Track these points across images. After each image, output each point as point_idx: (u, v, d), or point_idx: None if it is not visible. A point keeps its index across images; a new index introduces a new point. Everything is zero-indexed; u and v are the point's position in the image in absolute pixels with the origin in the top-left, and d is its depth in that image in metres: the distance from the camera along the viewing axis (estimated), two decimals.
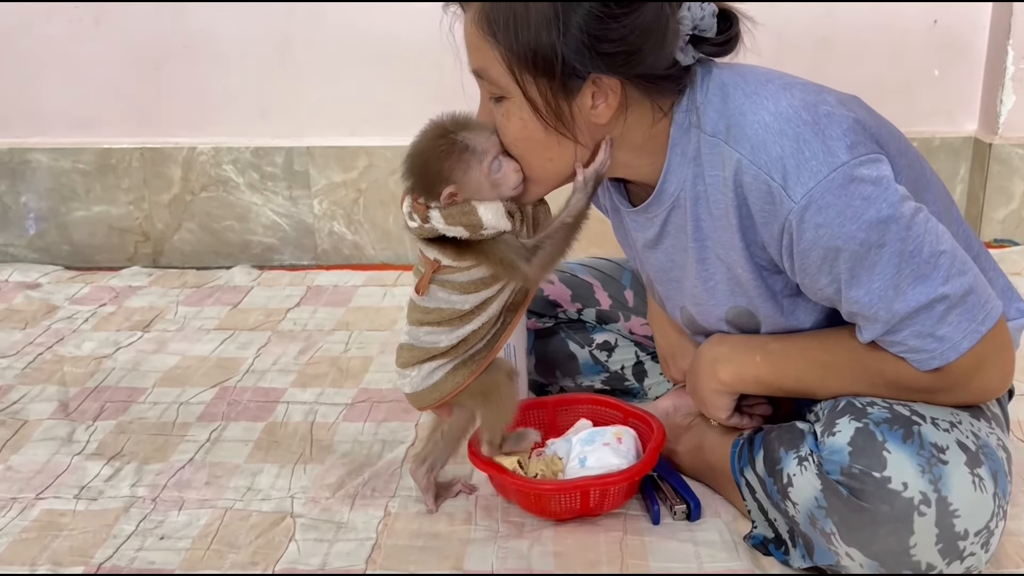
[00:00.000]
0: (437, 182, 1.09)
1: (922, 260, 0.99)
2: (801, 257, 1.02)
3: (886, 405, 1.04)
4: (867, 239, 0.98)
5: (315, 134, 2.35)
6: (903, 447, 0.99)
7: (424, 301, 1.18)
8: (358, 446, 1.47)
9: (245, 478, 1.38)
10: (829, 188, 0.97)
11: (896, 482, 0.98)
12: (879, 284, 0.99)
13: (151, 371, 1.75)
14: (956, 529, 0.98)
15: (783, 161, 0.99)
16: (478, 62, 1.07)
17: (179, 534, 1.25)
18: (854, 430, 1.01)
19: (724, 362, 1.17)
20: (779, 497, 1.09)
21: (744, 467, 1.18)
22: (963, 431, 1.03)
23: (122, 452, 1.46)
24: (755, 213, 1.04)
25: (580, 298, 1.51)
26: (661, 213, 1.15)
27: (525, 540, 1.22)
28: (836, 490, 1.01)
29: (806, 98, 1.03)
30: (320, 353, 1.82)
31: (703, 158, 1.07)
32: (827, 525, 1.02)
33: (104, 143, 2.36)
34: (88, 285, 2.21)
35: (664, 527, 1.24)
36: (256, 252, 2.41)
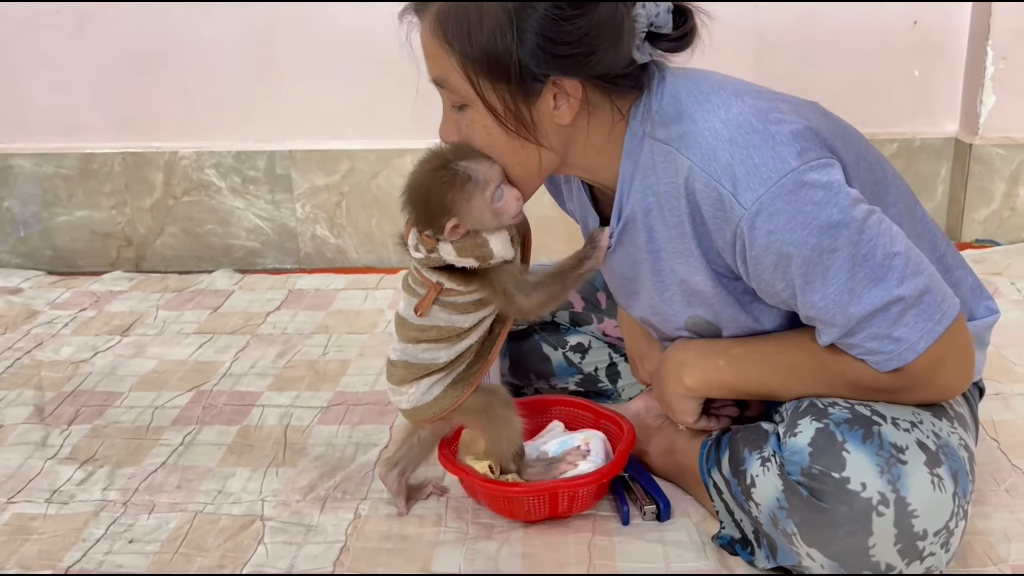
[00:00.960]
0: (440, 214, 1.08)
1: (876, 263, 0.99)
2: (754, 263, 1.02)
3: (847, 405, 1.04)
4: (819, 244, 0.98)
5: (297, 138, 2.35)
6: (862, 447, 0.99)
7: (422, 320, 1.17)
8: (331, 449, 1.46)
9: (217, 481, 1.38)
10: (779, 194, 0.97)
11: (855, 482, 0.98)
12: (833, 288, 0.99)
13: (128, 375, 1.75)
14: (915, 529, 0.98)
15: (732, 168, 0.99)
16: (437, 71, 1.06)
17: (148, 537, 1.25)
18: (814, 431, 1.01)
19: (688, 367, 1.17)
20: (743, 498, 1.09)
21: (711, 468, 1.18)
22: (924, 431, 1.02)
23: (95, 456, 1.46)
24: (708, 220, 1.04)
25: None
26: (616, 226, 1.15)
27: (494, 542, 1.22)
28: (797, 491, 1.01)
29: (757, 105, 1.03)
30: (298, 356, 1.82)
31: (657, 167, 1.08)
32: (788, 526, 1.02)
33: (86, 148, 2.36)
34: (70, 290, 2.21)
35: (633, 527, 1.24)
36: (239, 256, 2.41)
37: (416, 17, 1.07)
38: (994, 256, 2.19)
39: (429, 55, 1.07)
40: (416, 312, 1.16)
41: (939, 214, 2.35)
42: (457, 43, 1.01)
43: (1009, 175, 2.24)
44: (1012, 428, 1.44)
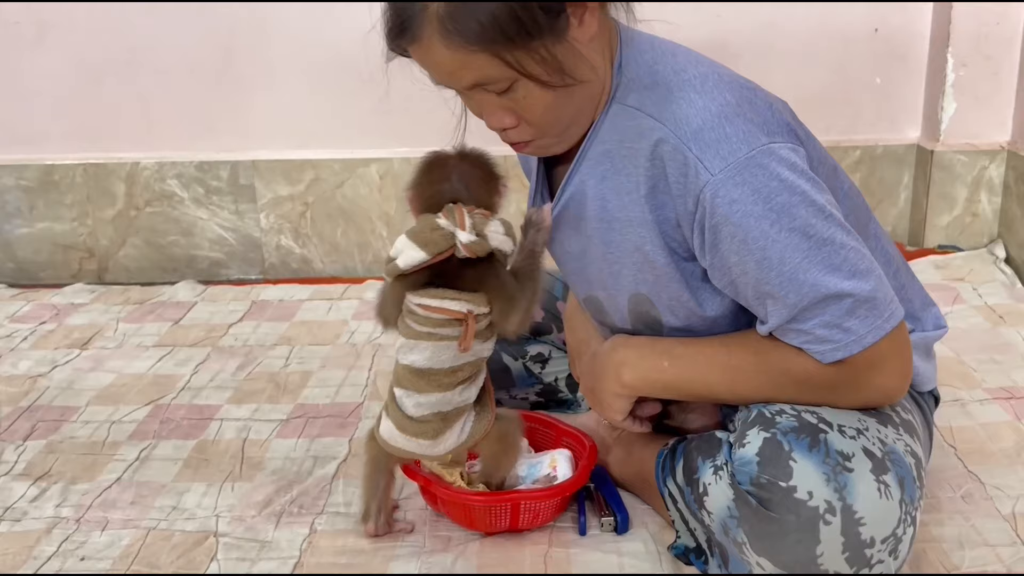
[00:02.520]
0: (498, 183, 1.13)
1: (833, 249, 1.00)
2: (712, 233, 1.02)
3: (794, 414, 1.04)
4: (780, 219, 0.98)
5: (260, 147, 2.34)
6: (809, 456, 0.99)
7: (454, 360, 1.12)
8: (289, 463, 1.45)
9: (171, 497, 1.36)
10: (747, 165, 0.98)
11: (802, 491, 0.98)
12: (790, 266, 0.99)
13: (85, 389, 1.73)
14: (862, 537, 0.98)
15: (703, 134, 0.99)
16: (472, 76, 1.02)
17: (100, 555, 1.23)
18: (762, 440, 1.01)
19: (629, 366, 1.15)
20: (696, 506, 1.09)
21: (667, 477, 1.17)
22: (869, 438, 1.03)
23: (50, 472, 1.44)
24: (672, 186, 1.03)
25: None
26: (566, 192, 1.14)
27: (450, 554, 1.21)
28: (746, 500, 1.01)
29: (734, 82, 1.04)
30: (259, 369, 1.81)
31: (619, 131, 1.07)
32: (739, 535, 1.02)
33: (47, 159, 2.34)
34: (30, 303, 2.19)
35: (590, 539, 1.23)
36: (203, 267, 2.39)
37: (412, 46, 1.04)
38: (956, 262, 2.20)
39: (457, 68, 1.02)
40: (461, 347, 1.10)
41: (902, 220, 2.37)
42: (476, 36, 0.98)
43: (971, 181, 2.26)
44: (969, 435, 1.45)
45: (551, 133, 1.09)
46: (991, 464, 1.37)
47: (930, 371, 1.22)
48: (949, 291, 2.03)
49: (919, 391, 1.22)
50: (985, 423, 1.48)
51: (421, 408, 1.13)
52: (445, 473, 1.22)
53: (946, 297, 2.00)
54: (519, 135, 1.09)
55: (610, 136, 1.09)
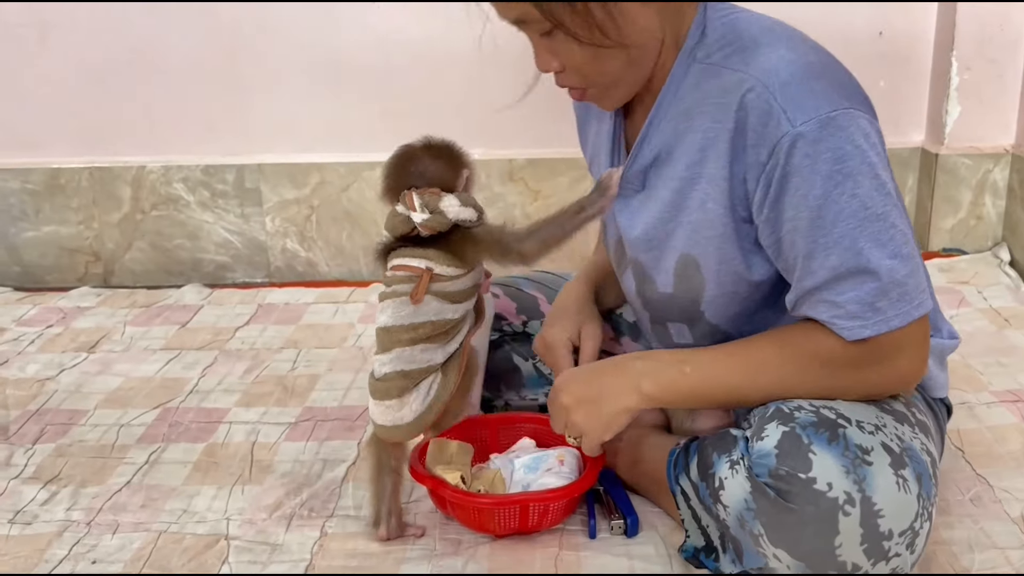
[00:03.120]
0: (459, 165, 1.21)
1: (885, 226, 1.01)
2: (779, 184, 1.02)
3: (812, 410, 1.05)
4: (844, 183, 1.00)
5: (266, 151, 2.34)
6: (828, 448, 1.00)
7: (414, 316, 1.18)
8: (298, 466, 1.46)
9: (181, 500, 1.37)
10: (827, 123, 0.99)
11: (821, 482, 0.98)
12: (840, 229, 1.01)
13: (94, 393, 1.73)
14: (881, 529, 0.98)
15: (790, 87, 1.01)
16: (514, 13, 1.06)
17: (111, 558, 1.24)
18: (781, 434, 1.02)
19: (649, 376, 1.14)
20: (711, 501, 1.09)
21: (679, 475, 1.18)
22: (887, 434, 1.04)
23: (59, 476, 1.45)
24: (750, 134, 1.03)
25: (526, 311, 1.51)
26: (641, 149, 1.15)
27: (460, 557, 1.21)
28: (764, 492, 1.01)
29: (819, 48, 1.07)
30: (267, 372, 1.81)
31: (701, 87, 1.08)
32: (755, 527, 1.03)
33: (53, 163, 2.34)
34: (36, 306, 2.19)
35: (600, 542, 1.23)
36: (208, 271, 2.39)
37: None
38: (961, 265, 2.21)
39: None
40: (412, 299, 1.18)
41: None
42: None
43: (975, 184, 2.27)
44: (976, 437, 1.45)
45: (597, 85, 1.11)
46: (999, 467, 1.37)
47: (943, 379, 1.23)
48: (954, 294, 2.04)
49: (932, 396, 1.23)
50: (992, 426, 1.48)
51: (384, 366, 1.20)
52: (447, 476, 1.23)
53: (951, 300, 2.00)
54: (568, 80, 1.12)
55: (690, 95, 1.10)
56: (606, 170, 1.20)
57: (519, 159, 2.32)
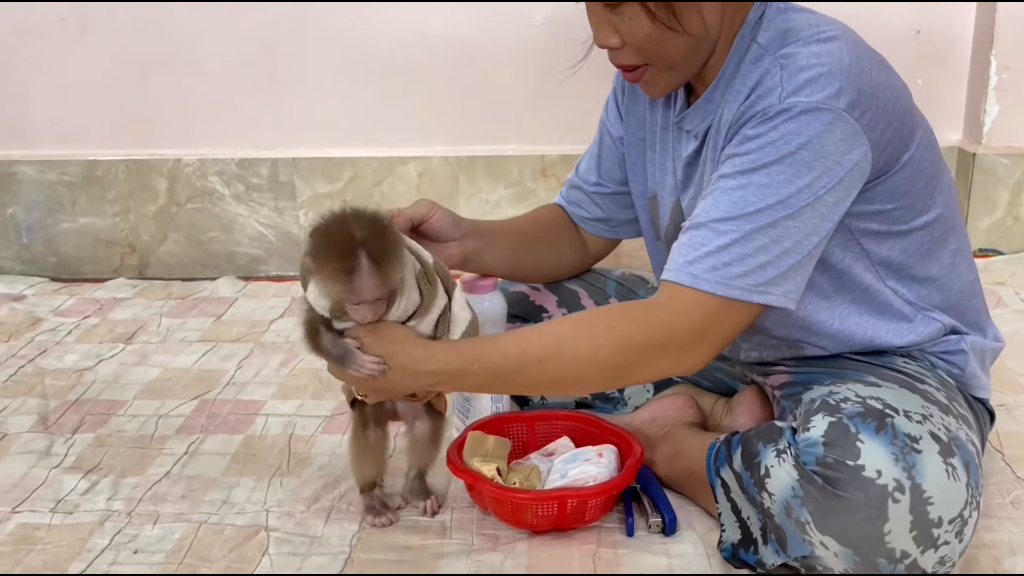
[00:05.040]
0: (313, 250, 1.10)
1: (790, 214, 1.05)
2: (739, 141, 1.08)
3: (859, 400, 1.05)
4: (788, 166, 1.04)
5: (300, 145, 2.35)
6: (876, 437, 1.00)
7: None
8: (335, 459, 1.46)
9: (221, 491, 1.38)
10: (811, 111, 1.03)
11: (870, 470, 0.99)
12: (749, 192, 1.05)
13: (132, 384, 1.75)
14: (930, 516, 0.98)
15: (801, 73, 1.05)
16: None
17: (152, 548, 1.25)
18: (827, 424, 1.03)
19: (436, 376, 1.16)
20: (755, 490, 1.09)
21: (721, 467, 1.18)
22: (935, 424, 1.04)
23: (99, 465, 1.46)
24: (747, 105, 1.09)
25: (565, 303, 1.51)
26: (704, 124, 1.18)
27: (499, 553, 1.22)
28: (812, 479, 1.02)
29: (864, 54, 1.09)
30: (302, 365, 1.82)
31: (746, 74, 1.11)
32: (802, 514, 1.03)
33: (90, 155, 2.36)
34: (73, 297, 2.21)
35: (638, 540, 1.23)
36: (242, 263, 2.41)
37: None
38: (997, 265, 2.19)
39: None
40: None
41: None
42: None
43: (1013, 184, 2.24)
44: (1016, 440, 1.44)
45: (655, 66, 1.14)
46: None
47: (985, 380, 1.23)
48: (991, 295, 2.02)
49: (974, 395, 1.22)
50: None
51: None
52: (484, 468, 1.23)
53: (988, 301, 1.97)
54: (626, 58, 1.14)
55: (737, 80, 1.13)
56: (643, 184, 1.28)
57: (551, 155, 2.31)
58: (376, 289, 1.09)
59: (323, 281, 1.11)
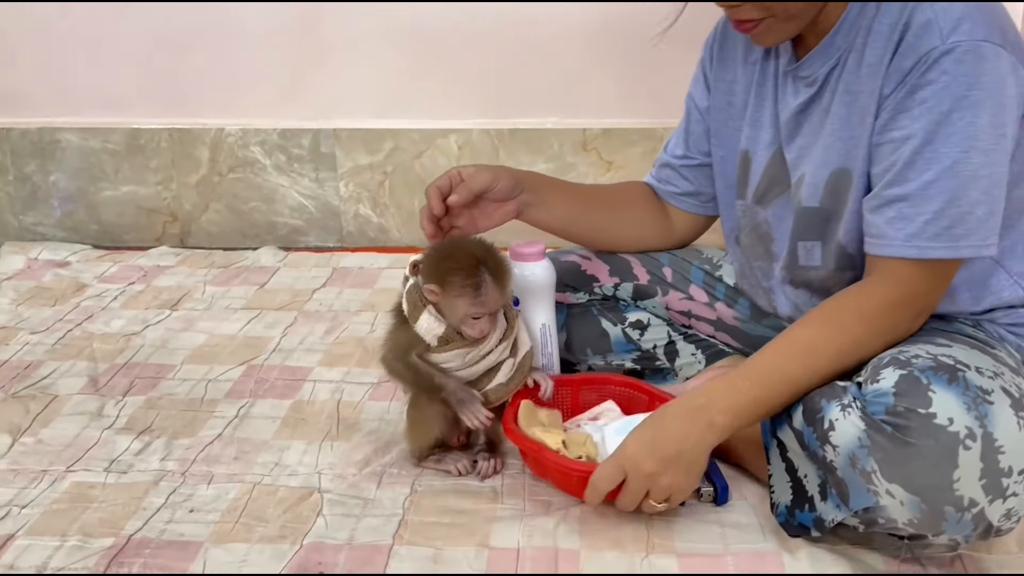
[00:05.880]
0: (438, 276, 1.22)
1: (986, 162, 1.07)
2: (910, 90, 1.08)
3: (930, 356, 1.05)
4: (968, 109, 1.05)
5: (342, 116, 2.35)
6: (948, 388, 1.01)
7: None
8: (384, 424, 1.47)
9: (273, 454, 1.39)
10: (975, 50, 1.05)
11: (942, 417, 0.99)
12: (947, 150, 1.07)
13: (179, 348, 1.76)
14: (1000, 465, 0.99)
15: (954, 10, 1.06)
16: None
17: (208, 507, 1.26)
18: (898, 376, 1.03)
19: (713, 408, 1.14)
20: (817, 444, 1.09)
21: (778, 427, 1.18)
22: (1006, 381, 1.04)
23: (151, 427, 1.48)
24: (903, 46, 1.09)
25: (618, 272, 1.51)
26: (824, 68, 1.19)
27: (551, 518, 1.22)
28: (880, 428, 1.02)
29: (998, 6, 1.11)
30: (346, 333, 1.83)
31: (873, 17, 1.13)
32: (869, 463, 1.03)
33: (133, 123, 2.38)
34: (116, 264, 2.23)
35: (689, 509, 1.24)
36: (282, 234, 2.42)
37: None
38: None
39: None
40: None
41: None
42: None
43: None
44: None
45: (779, 16, 1.15)
46: None
47: None
48: None
49: None
50: None
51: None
52: (548, 439, 1.23)
53: None
54: (747, 13, 1.15)
55: (862, 23, 1.14)
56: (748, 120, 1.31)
57: (593, 129, 2.31)
58: (499, 299, 1.23)
59: (452, 300, 1.22)
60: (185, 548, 1.18)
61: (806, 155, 1.24)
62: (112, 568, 1.15)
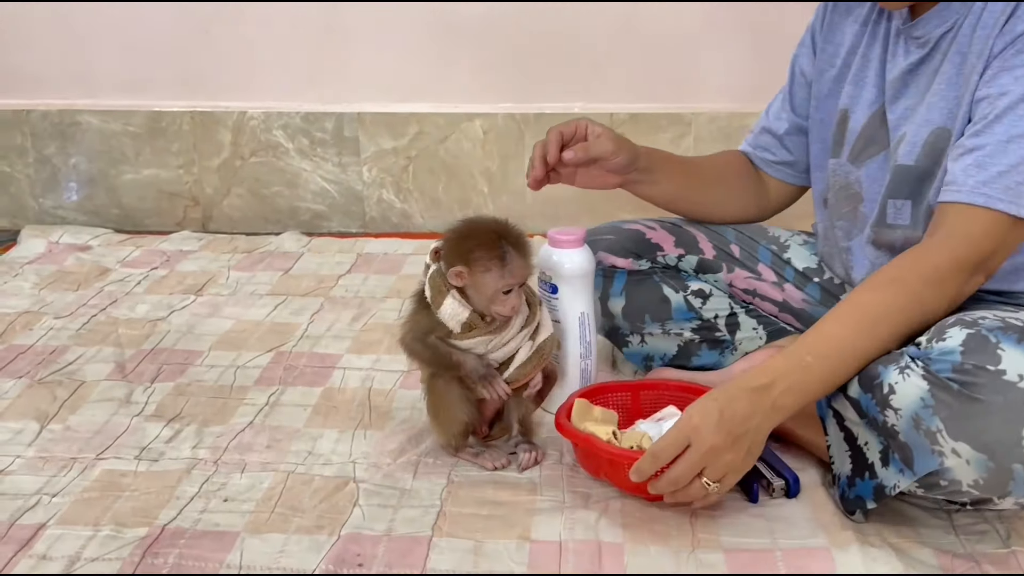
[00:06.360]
0: (461, 256, 1.21)
1: None
2: (1017, 51, 1.09)
3: (997, 318, 1.04)
4: None
5: (365, 100, 2.33)
6: (1018, 346, 1.00)
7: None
8: (416, 413, 1.45)
9: (305, 442, 1.37)
10: None
11: (1012, 374, 0.99)
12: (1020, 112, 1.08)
13: (206, 334, 1.74)
14: None
15: None
16: None
17: (242, 496, 1.24)
18: (965, 335, 1.02)
19: (776, 387, 1.09)
20: (877, 410, 1.08)
21: (833, 398, 1.16)
22: None
23: (181, 414, 1.46)
24: (1020, 10, 1.10)
25: (683, 244, 1.49)
26: (940, 29, 1.19)
27: (592, 511, 1.20)
28: (946, 386, 1.01)
29: None
30: (373, 320, 1.81)
31: None
32: (933, 423, 1.02)
33: (155, 106, 2.35)
34: (139, 249, 2.21)
35: (730, 500, 1.21)
36: (304, 219, 2.39)
37: None
38: None
39: None
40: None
41: None
42: None
43: None
44: None
45: None
46: None
47: None
48: None
49: None
50: None
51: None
52: (599, 431, 1.21)
53: None
54: None
55: None
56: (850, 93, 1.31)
57: (620, 113, 2.28)
58: (525, 269, 1.22)
59: (480, 277, 1.21)
60: (221, 538, 1.16)
61: (910, 115, 1.23)
62: (148, 558, 1.13)
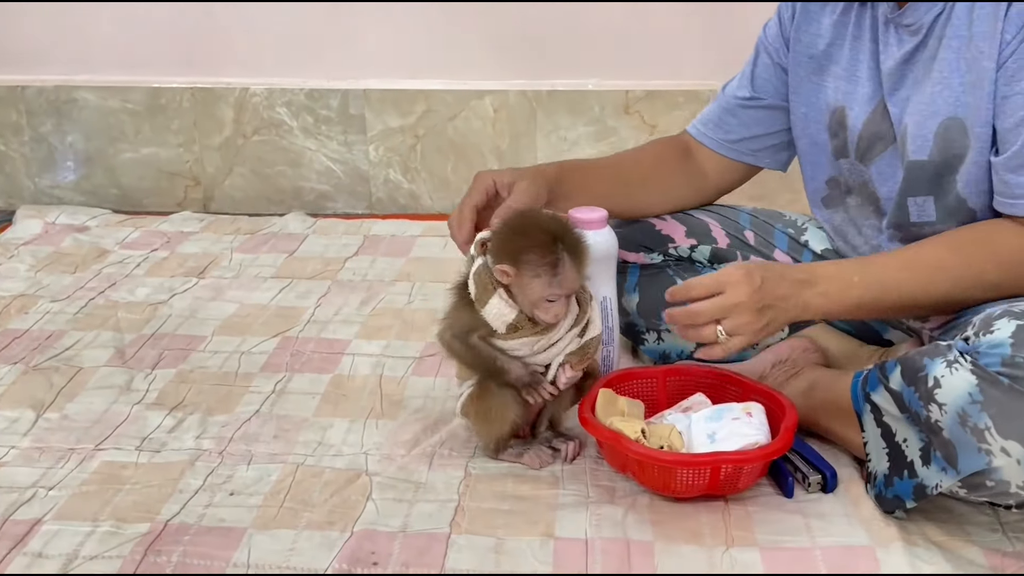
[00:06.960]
0: (511, 255, 1.12)
1: None
2: None
3: None
4: None
5: (372, 76, 2.26)
6: None
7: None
8: (430, 402, 1.39)
9: (315, 432, 1.31)
10: None
11: None
12: None
13: (209, 319, 1.68)
14: None
15: None
16: None
17: (249, 490, 1.18)
18: (1015, 327, 0.98)
19: (817, 287, 1.11)
20: (920, 404, 1.02)
21: (872, 390, 1.11)
22: None
23: (184, 402, 1.39)
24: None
25: (695, 234, 1.44)
26: (930, 15, 1.13)
27: (618, 507, 1.14)
28: (996, 381, 0.97)
29: None
30: (383, 304, 1.74)
31: None
32: (982, 420, 0.97)
33: (154, 82, 2.28)
34: (138, 229, 2.14)
35: (764, 495, 1.16)
36: (309, 199, 2.32)
37: None
38: None
39: None
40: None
41: None
42: None
43: None
44: None
45: None
46: None
47: None
48: None
49: None
50: None
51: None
52: (626, 429, 1.14)
53: None
54: None
55: None
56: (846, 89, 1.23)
57: (636, 91, 2.20)
58: (577, 281, 1.13)
59: (527, 281, 1.11)
60: (227, 534, 1.10)
61: (913, 106, 1.16)
62: (150, 556, 1.07)
